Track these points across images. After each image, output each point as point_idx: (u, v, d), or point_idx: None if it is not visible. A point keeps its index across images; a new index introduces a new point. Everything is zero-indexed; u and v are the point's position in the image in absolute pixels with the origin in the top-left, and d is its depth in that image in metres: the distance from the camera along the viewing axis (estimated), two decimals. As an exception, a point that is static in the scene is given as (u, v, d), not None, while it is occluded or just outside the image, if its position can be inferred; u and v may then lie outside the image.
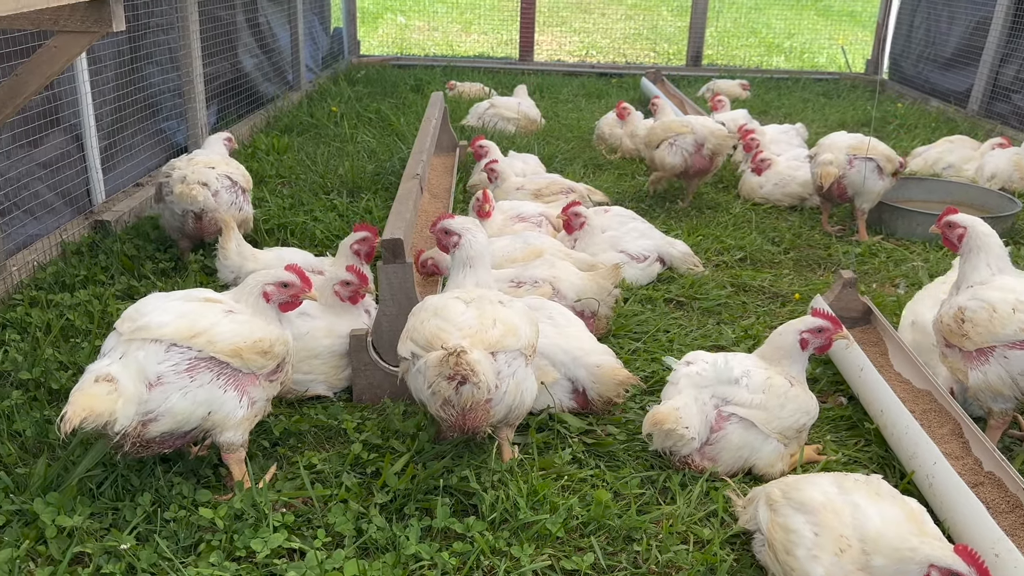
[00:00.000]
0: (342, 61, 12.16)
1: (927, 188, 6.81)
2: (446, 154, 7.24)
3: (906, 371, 3.97)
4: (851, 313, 4.37)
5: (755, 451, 3.33)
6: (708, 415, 3.35)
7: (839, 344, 3.94)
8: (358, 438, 3.50)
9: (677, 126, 6.41)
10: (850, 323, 4.34)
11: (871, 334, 4.32)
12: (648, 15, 20.07)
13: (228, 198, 5.10)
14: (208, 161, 5.22)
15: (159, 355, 2.95)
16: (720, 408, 3.35)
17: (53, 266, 4.90)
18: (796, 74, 12.40)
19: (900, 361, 4.04)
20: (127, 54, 6.22)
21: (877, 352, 4.17)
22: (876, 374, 3.71)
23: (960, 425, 3.49)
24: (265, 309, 3.29)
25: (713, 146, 6.34)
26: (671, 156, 6.36)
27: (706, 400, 3.36)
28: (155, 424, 2.95)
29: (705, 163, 6.40)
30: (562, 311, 3.94)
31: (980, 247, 3.65)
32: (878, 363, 4.06)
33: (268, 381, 3.22)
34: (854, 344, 3.94)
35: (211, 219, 5.01)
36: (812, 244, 5.97)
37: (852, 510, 2.56)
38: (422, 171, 5.00)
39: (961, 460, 3.32)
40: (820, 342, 3.45)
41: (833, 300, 4.32)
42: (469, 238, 3.54)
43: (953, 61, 10.21)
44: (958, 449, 3.38)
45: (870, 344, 4.24)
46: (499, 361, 3.08)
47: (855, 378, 3.87)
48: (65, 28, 3.98)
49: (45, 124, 5.20)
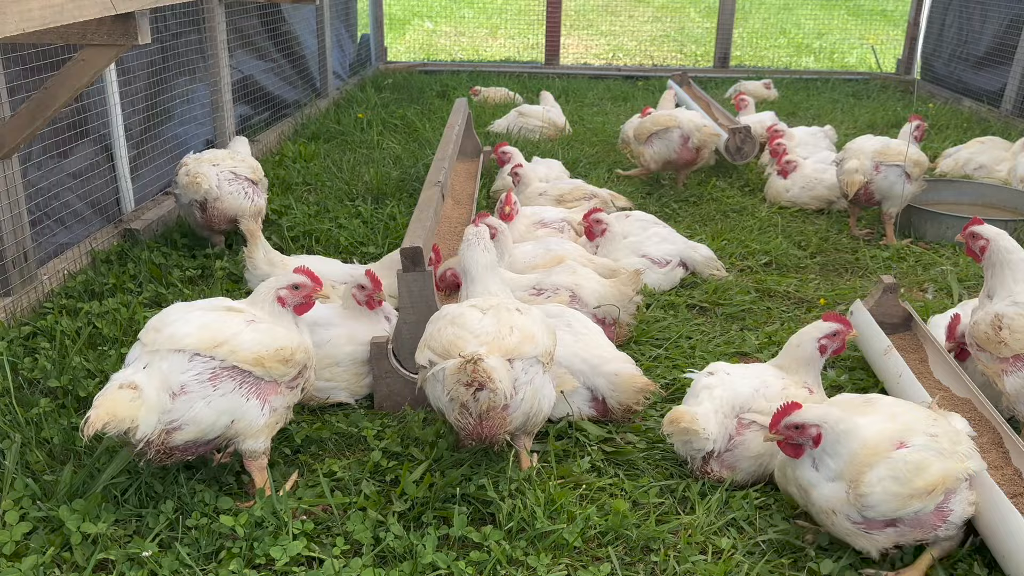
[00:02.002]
0: (370, 68, 12.24)
1: (957, 190, 6.71)
2: (470, 160, 7.26)
3: (946, 378, 3.91)
4: (891, 319, 4.30)
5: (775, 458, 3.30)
6: (728, 425, 3.33)
7: (877, 351, 3.92)
8: (378, 445, 3.52)
9: (664, 120, 6.75)
10: (890, 329, 4.26)
11: (911, 340, 4.26)
12: (676, 16, 19.99)
13: (231, 188, 5.38)
14: (214, 157, 5.51)
15: (182, 365, 3.00)
16: (740, 416, 3.33)
17: (83, 275, 4.99)
18: (826, 74, 12.27)
19: (940, 368, 3.97)
20: (157, 64, 6.31)
21: (917, 359, 4.10)
22: (915, 380, 3.64)
23: (1000, 434, 3.42)
24: (282, 315, 3.33)
25: (699, 140, 6.72)
26: (659, 148, 6.79)
27: (727, 411, 3.34)
28: (179, 433, 3.00)
29: (691, 155, 6.79)
30: (581, 318, 3.94)
31: (1003, 262, 3.62)
32: (917, 370, 3.99)
33: (289, 388, 3.26)
34: (893, 350, 3.89)
35: (215, 208, 5.33)
36: (839, 248, 5.90)
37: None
38: (444, 178, 5.01)
39: (1001, 470, 3.25)
40: (836, 345, 3.52)
41: (873, 306, 4.26)
42: (464, 249, 3.58)
43: (986, 60, 10.04)
44: (998, 459, 3.31)
45: (910, 351, 4.17)
46: (516, 368, 3.09)
47: (893, 385, 3.80)
48: (92, 42, 4.06)
49: (75, 135, 5.29)
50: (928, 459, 2.81)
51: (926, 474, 2.78)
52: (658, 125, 6.77)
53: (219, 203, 5.32)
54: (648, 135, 6.83)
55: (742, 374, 3.47)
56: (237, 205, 5.38)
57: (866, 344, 4.14)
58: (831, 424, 2.87)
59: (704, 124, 6.82)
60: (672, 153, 6.78)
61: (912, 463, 2.79)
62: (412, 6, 19.38)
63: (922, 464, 2.79)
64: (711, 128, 6.84)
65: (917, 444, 2.84)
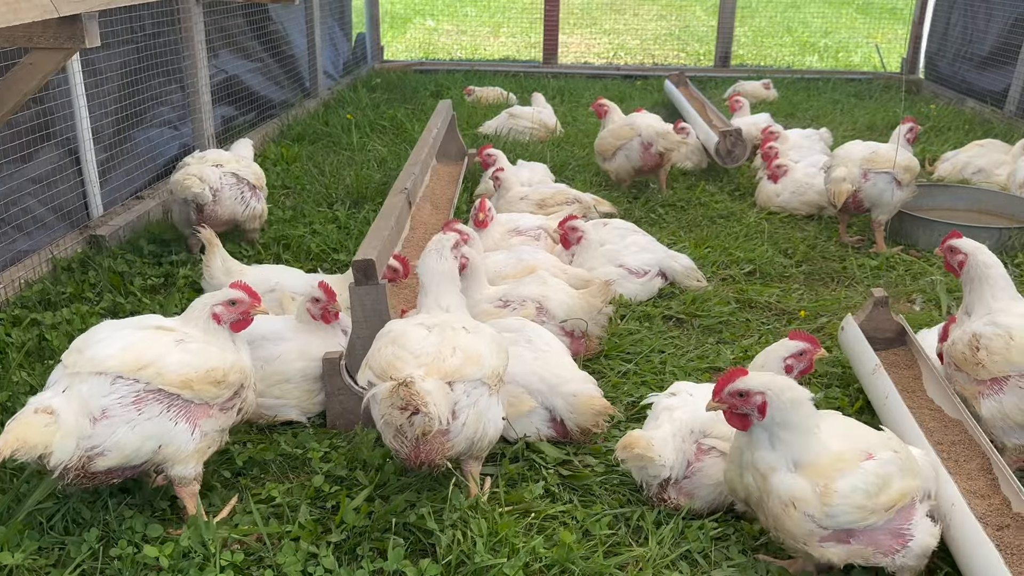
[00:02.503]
0: (364, 67, 12.09)
1: (953, 195, 6.49)
2: (453, 162, 7.09)
3: (940, 398, 3.71)
4: (884, 334, 4.10)
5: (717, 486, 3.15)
6: (687, 450, 3.15)
7: (866, 368, 3.74)
8: (323, 468, 3.36)
9: (624, 132, 6.68)
10: (884, 344, 4.07)
11: (905, 356, 4.06)
12: (681, 14, 19.75)
13: (231, 194, 5.38)
14: (218, 158, 5.49)
15: (104, 388, 2.85)
16: (700, 441, 3.15)
17: (40, 283, 4.85)
18: (828, 74, 12.02)
19: (934, 387, 3.77)
20: (131, 65, 6.18)
21: (910, 376, 3.91)
22: (901, 403, 3.45)
23: (989, 459, 3.23)
24: (218, 332, 3.18)
25: (662, 147, 6.62)
26: (622, 162, 6.75)
27: (686, 435, 3.17)
28: (101, 459, 2.85)
29: (656, 160, 6.71)
30: (543, 334, 3.76)
31: (982, 277, 3.43)
32: (910, 388, 3.81)
33: (222, 411, 3.10)
34: (881, 370, 3.70)
35: (211, 211, 5.29)
36: (827, 256, 5.70)
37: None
38: (411, 185, 4.85)
39: (987, 499, 3.07)
40: (803, 365, 3.34)
41: (864, 320, 4.06)
42: (420, 262, 3.41)
43: (990, 60, 9.79)
44: (985, 487, 3.12)
45: (903, 367, 3.98)
46: (457, 391, 2.93)
47: (881, 406, 3.61)
48: (39, 45, 3.92)
49: (37, 139, 5.16)
50: (892, 473, 2.69)
51: (890, 489, 2.66)
52: (620, 139, 6.70)
53: (217, 207, 5.30)
54: (613, 151, 6.76)
55: (705, 396, 3.29)
56: (234, 209, 5.39)
57: (856, 362, 3.95)
58: (775, 392, 2.71)
59: (663, 128, 6.70)
60: (637, 162, 6.70)
61: (881, 476, 2.66)
62: (414, 4, 19.25)
63: (888, 478, 2.67)
64: (671, 132, 6.72)
65: (884, 458, 2.69)
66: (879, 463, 2.69)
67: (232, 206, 5.40)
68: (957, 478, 3.11)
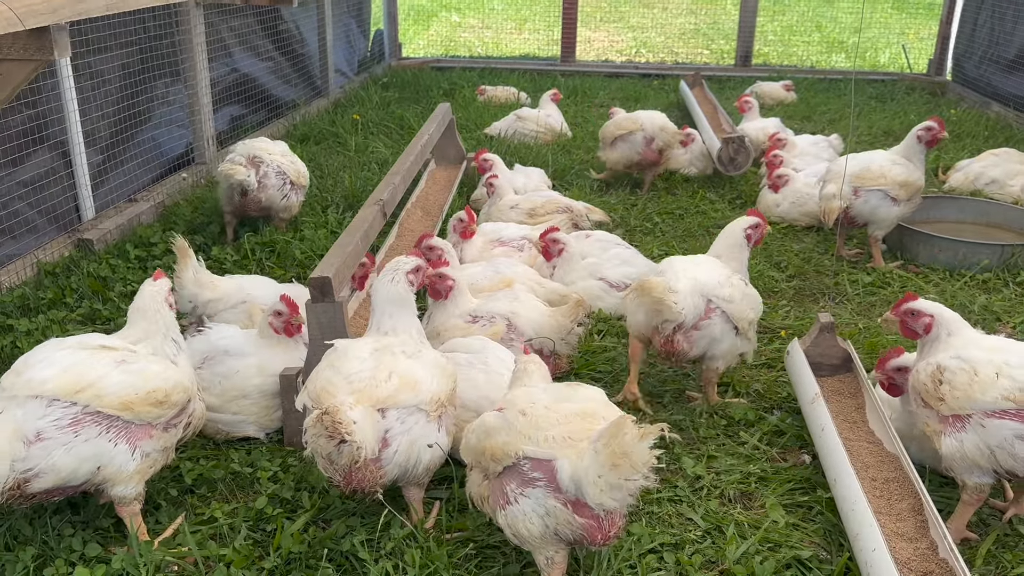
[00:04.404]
0: (381, 64, 12.07)
1: (960, 207, 6.30)
2: (451, 167, 7.04)
3: (881, 430, 3.60)
4: (831, 360, 3.99)
5: (720, 343, 3.86)
6: (698, 304, 3.79)
7: (807, 396, 3.65)
8: (268, 489, 3.34)
9: (628, 123, 6.90)
10: (830, 371, 3.98)
11: (852, 384, 3.95)
12: (712, 8, 19.42)
13: (275, 182, 5.71)
14: (268, 147, 5.80)
15: (39, 411, 2.85)
16: (710, 300, 3.80)
17: (22, 288, 4.89)
18: (852, 74, 11.74)
19: (875, 418, 3.66)
20: (130, 67, 6.21)
21: (853, 405, 3.80)
22: (835, 437, 3.36)
23: (921, 500, 3.12)
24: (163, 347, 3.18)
25: (660, 143, 6.86)
26: (623, 151, 6.92)
27: (698, 291, 3.81)
28: (38, 480, 2.85)
29: (655, 156, 6.92)
30: (500, 356, 3.70)
31: (951, 332, 3.27)
32: (852, 419, 3.70)
33: (165, 430, 3.09)
34: (819, 399, 3.61)
35: (254, 197, 5.63)
36: (821, 270, 5.56)
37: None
38: (388, 196, 4.80)
39: (914, 543, 2.96)
40: (758, 235, 4.15)
41: (810, 346, 3.96)
42: (373, 284, 3.37)
43: (1017, 63, 9.49)
44: (913, 529, 3.02)
45: (848, 395, 3.87)
46: (389, 418, 2.89)
47: (817, 437, 3.52)
48: (8, 57, 3.93)
49: (28, 142, 5.20)
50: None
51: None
52: (622, 129, 6.91)
53: (260, 193, 5.63)
54: (613, 139, 6.97)
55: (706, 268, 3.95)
56: (273, 199, 5.71)
57: (798, 389, 3.85)
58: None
59: (667, 124, 6.95)
60: (636, 155, 6.91)
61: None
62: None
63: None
64: (672, 128, 7.00)
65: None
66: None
67: (273, 195, 5.72)
68: (886, 518, 3.02)
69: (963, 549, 3.09)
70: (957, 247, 5.50)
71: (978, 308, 4.92)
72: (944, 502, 3.30)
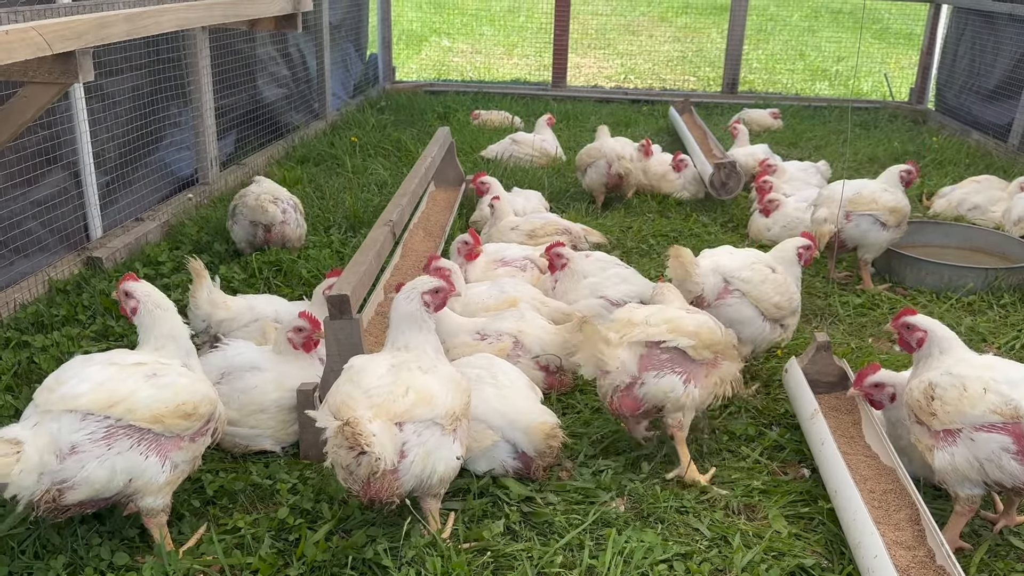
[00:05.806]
0: (375, 88, 12.24)
1: (944, 232, 6.51)
2: (451, 189, 7.20)
3: (877, 444, 3.75)
4: (827, 378, 4.16)
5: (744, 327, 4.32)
6: (717, 283, 4.35)
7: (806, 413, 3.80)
8: (289, 500, 3.44)
9: (594, 152, 7.47)
10: (826, 388, 4.14)
11: (847, 401, 4.11)
12: (696, 37, 19.79)
13: (294, 216, 6.12)
14: (276, 190, 6.17)
15: (74, 425, 2.95)
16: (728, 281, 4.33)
17: (35, 305, 4.98)
18: (836, 102, 12.04)
19: (872, 432, 3.82)
20: (139, 90, 6.33)
21: (850, 421, 3.96)
22: (835, 451, 3.51)
23: (918, 511, 3.27)
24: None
25: (618, 169, 7.35)
26: (593, 176, 7.47)
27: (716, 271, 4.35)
28: (72, 492, 2.94)
29: (617, 180, 7.43)
30: (508, 371, 3.83)
31: (943, 349, 3.43)
32: (849, 434, 3.86)
33: (192, 441, 3.20)
34: (819, 415, 3.76)
35: (279, 232, 6.00)
36: (812, 292, 5.74)
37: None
38: (397, 217, 4.94)
39: (912, 551, 3.11)
40: (808, 255, 4.62)
41: (807, 364, 4.13)
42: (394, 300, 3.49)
43: (996, 93, 9.80)
44: (911, 538, 3.17)
45: (844, 412, 4.03)
46: (406, 431, 3.02)
47: (817, 451, 3.68)
48: (34, 79, 4.06)
49: (41, 162, 5.30)
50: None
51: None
52: (590, 157, 7.47)
53: (284, 227, 6.00)
54: (585, 166, 7.52)
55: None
56: (291, 231, 6.09)
57: (797, 405, 4.01)
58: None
59: (625, 151, 7.46)
60: (603, 178, 7.41)
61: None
62: (431, 22, 19.41)
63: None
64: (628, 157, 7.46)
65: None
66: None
67: (293, 228, 6.09)
68: (885, 528, 3.16)
69: (957, 558, 3.24)
70: (943, 271, 5.70)
71: (964, 329, 5.11)
72: (938, 513, 3.44)
